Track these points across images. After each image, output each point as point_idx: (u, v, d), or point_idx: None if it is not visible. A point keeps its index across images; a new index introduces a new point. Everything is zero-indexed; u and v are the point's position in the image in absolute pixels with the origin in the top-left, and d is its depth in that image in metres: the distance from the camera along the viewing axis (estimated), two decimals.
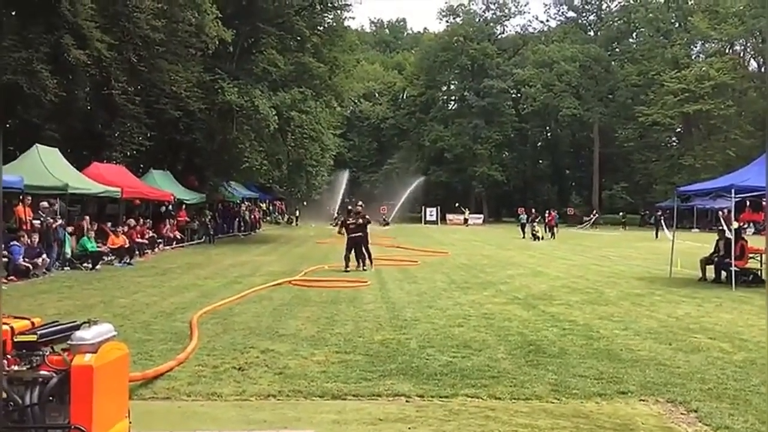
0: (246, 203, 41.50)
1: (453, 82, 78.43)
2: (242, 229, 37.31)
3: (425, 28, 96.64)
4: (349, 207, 18.97)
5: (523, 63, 71.86)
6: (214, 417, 5.37)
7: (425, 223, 58.73)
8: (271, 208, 53.78)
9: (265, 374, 6.68)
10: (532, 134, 75.97)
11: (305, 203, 45.74)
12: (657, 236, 38.27)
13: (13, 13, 24.40)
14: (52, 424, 3.57)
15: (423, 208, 61.25)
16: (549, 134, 78.49)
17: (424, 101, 74.80)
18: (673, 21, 66.57)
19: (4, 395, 3.56)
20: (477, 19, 75.68)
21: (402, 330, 9.17)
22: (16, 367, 3.59)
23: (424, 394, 6.08)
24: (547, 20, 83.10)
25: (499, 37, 77.19)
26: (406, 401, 5.92)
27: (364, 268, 17.47)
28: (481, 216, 64.04)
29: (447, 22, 77.26)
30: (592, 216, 56.51)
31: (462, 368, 7.02)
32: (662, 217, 40.46)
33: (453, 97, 79.17)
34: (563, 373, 6.82)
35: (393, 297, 12.66)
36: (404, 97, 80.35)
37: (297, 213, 52.36)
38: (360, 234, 17.86)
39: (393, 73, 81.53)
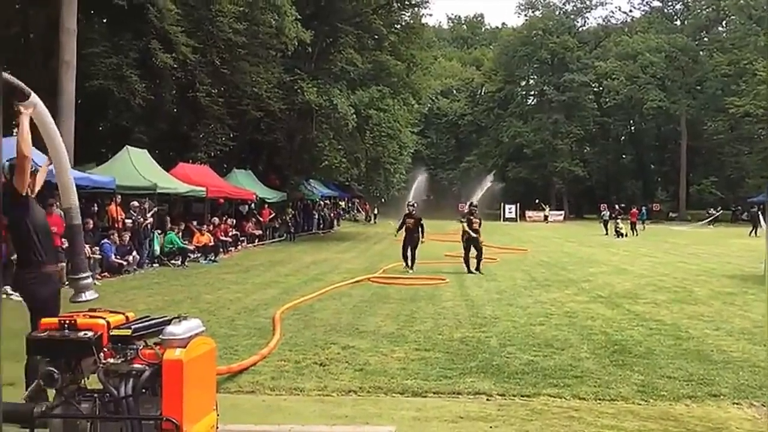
0: (325, 201, 42.07)
1: (532, 76, 77.07)
2: (321, 226, 37.86)
3: (503, 23, 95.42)
4: (408, 207, 18.16)
5: (605, 55, 69.77)
6: (297, 411, 5.47)
7: (504, 221, 57.98)
8: (349, 205, 54.34)
9: (346, 370, 6.75)
10: (615, 128, 73.71)
11: (383, 200, 45.92)
12: (755, 233, 34.73)
13: (104, 21, 25.61)
14: (146, 416, 3.71)
15: (501, 204, 60.47)
16: (633, 128, 76.02)
17: (502, 97, 73.86)
18: (765, 7, 63.18)
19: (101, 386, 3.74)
20: (557, 12, 74.09)
21: (482, 328, 9.10)
22: (111, 360, 3.75)
23: (505, 393, 6.01)
24: (631, 11, 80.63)
25: (580, 29, 75.31)
26: (487, 400, 5.87)
27: (409, 270, 16.75)
28: (562, 213, 62.71)
29: (526, 16, 75.98)
30: (713, 212, 53.21)
31: (544, 367, 6.90)
32: (759, 212, 37.80)
33: (532, 92, 77.82)
34: (650, 374, 6.60)
35: (472, 294, 12.58)
36: (482, 93, 79.50)
37: (375, 210, 52.69)
38: (414, 235, 17.29)
39: (471, 69, 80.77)
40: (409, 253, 17.11)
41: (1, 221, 5.14)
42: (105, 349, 3.75)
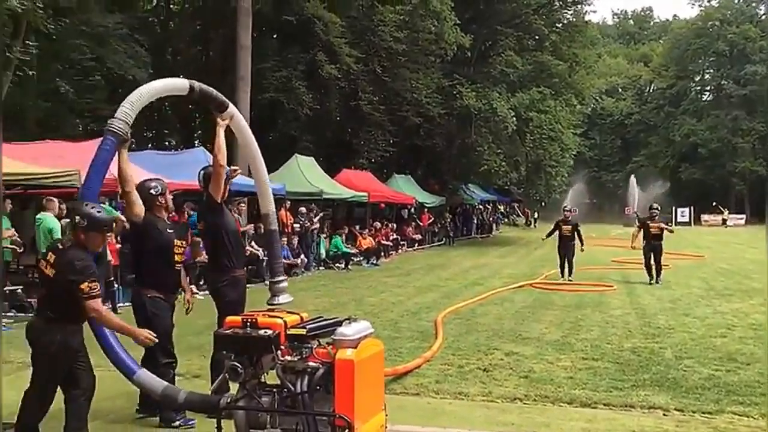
0: (484, 205, 41.79)
1: (708, 70, 71.88)
2: (480, 231, 37.65)
3: (675, 15, 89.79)
4: (564, 212, 16.25)
5: None
6: (462, 416, 5.45)
7: (676, 225, 54.48)
8: (508, 209, 53.58)
9: (510, 377, 6.65)
10: None
11: (544, 204, 44.81)
12: None
13: (275, 36, 27.17)
14: (319, 412, 3.87)
15: (673, 208, 56.90)
16: None
17: (673, 93, 69.51)
18: None
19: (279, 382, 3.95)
20: (736, 1, 68.58)
21: (654, 338, 8.60)
22: (288, 358, 3.96)
23: (684, 409, 5.63)
24: None
25: (763, 18, 69.17)
26: (664, 415, 5.53)
27: (567, 278, 15.25)
28: (743, 216, 57.83)
29: (700, 6, 71.02)
30: None
31: (727, 383, 6.39)
32: None
33: (708, 87, 72.56)
34: None
35: (643, 302, 11.93)
36: (651, 90, 75.37)
37: (536, 214, 51.57)
38: (571, 243, 15.58)
39: (638, 66, 76.82)
40: (566, 264, 15.47)
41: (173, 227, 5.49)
42: (282, 347, 3.96)
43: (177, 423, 5.05)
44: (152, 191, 5.24)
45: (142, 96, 4.98)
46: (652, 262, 14.91)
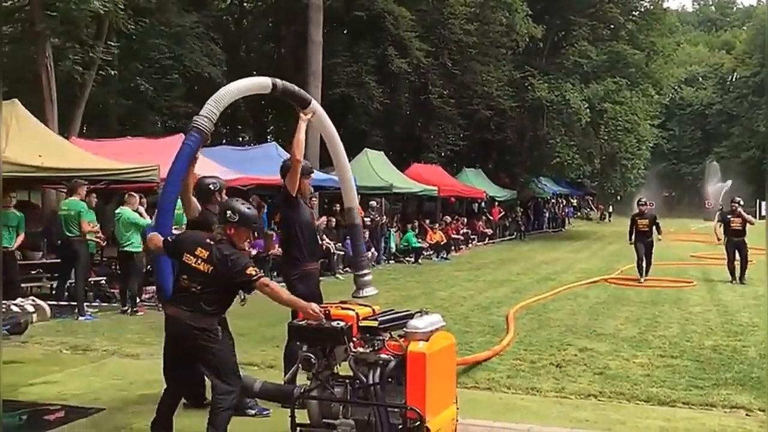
0: (557, 199, 41.04)
1: None
2: (552, 225, 37.00)
3: (759, 1, 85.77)
4: (639, 206, 14.77)
5: None
6: (535, 411, 5.39)
7: (761, 218, 52.17)
8: (581, 203, 52.43)
9: (585, 373, 6.52)
10: None
11: (619, 198, 43.59)
12: None
13: (345, 32, 27.38)
14: (391, 403, 3.90)
15: (757, 201, 54.44)
16: None
17: (757, 82, 66.26)
18: None
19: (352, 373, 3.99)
20: None
21: (737, 336, 8.27)
22: (361, 349, 3.99)
23: None
24: None
25: None
26: (746, 415, 5.33)
27: (643, 278, 13.92)
28: None
29: None
30: None
31: None
32: None
33: None
34: None
35: (724, 299, 11.49)
36: (733, 79, 72.14)
37: (610, 208, 50.26)
38: (648, 239, 14.24)
39: (720, 54, 73.70)
40: (643, 262, 14.05)
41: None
42: (355, 339, 4.00)
43: (253, 412, 5.14)
44: (211, 186, 5.37)
45: (226, 95, 5.13)
46: (737, 260, 13.87)
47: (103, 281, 11.62)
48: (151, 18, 19.75)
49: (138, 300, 10.24)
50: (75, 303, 9.69)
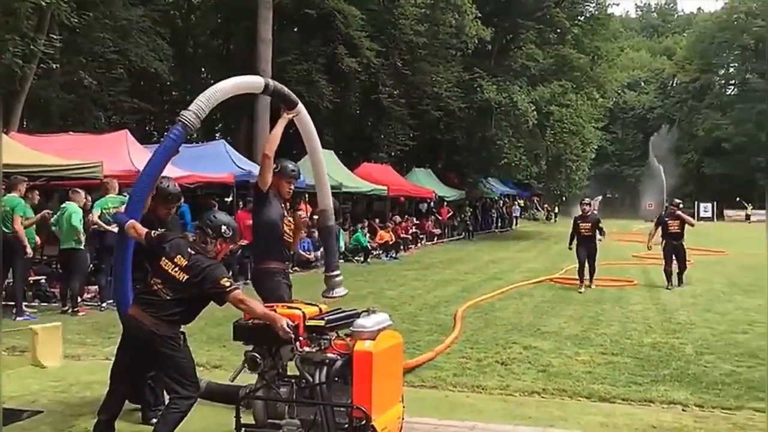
0: (504, 199, 41.63)
1: (732, 64, 70.78)
2: (500, 225, 37.52)
3: (699, 8, 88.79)
4: (583, 206, 13.53)
5: None
6: (480, 409, 5.46)
7: (698, 220, 53.88)
8: (528, 203, 53.31)
9: (529, 371, 6.64)
10: None
11: (564, 198, 44.52)
12: None
13: (295, 30, 27.23)
14: (337, 403, 3.90)
15: (696, 203, 56.26)
16: None
17: (697, 87, 68.54)
18: None
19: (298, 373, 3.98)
20: None
21: (675, 334, 8.54)
22: (307, 349, 3.99)
23: (704, 405, 5.59)
24: None
25: None
26: (683, 410, 5.50)
27: (589, 285, 12.92)
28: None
29: None
30: None
31: (748, 379, 6.34)
32: None
33: (732, 81, 71.50)
34: None
35: (663, 298, 11.83)
36: (674, 84, 74.38)
37: (556, 209, 51.27)
38: (591, 243, 13.11)
39: (661, 59, 75.88)
40: (586, 267, 12.93)
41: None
42: (301, 338, 3.99)
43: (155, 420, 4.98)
44: (170, 189, 5.22)
45: (217, 92, 4.96)
46: (674, 264, 13.30)
47: (43, 280, 11.28)
48: (95, 11, 19.25)
49: (79, 300, 9.98)
50: (13, 303, 9.38)
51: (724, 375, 6.49)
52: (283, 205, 5.52)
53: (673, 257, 13.35)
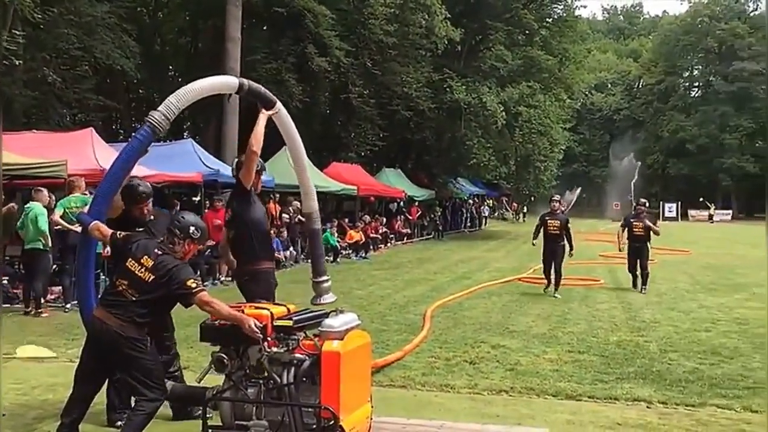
0: (473, 199, 41.87)
1: (696, 67, 72.20)
2: (469, 225, 37.72)
3: (664, 11, 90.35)
4: (552, 203, 12.60)
5: None
6: (448, 408, 5.49)
7: (663, 220, 54.85)
8: (497, 204, 53.70)
9: (497, 369, 6.70)
10: None
11: (533, 199, 44.94)
12: None
13: (264, 28, 27.05)
14: (305, 403, 3.89)
15: (660, 203, 57.22)
16: None
17: (662, 89, 69.75)
18: None
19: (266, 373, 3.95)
20: None
21: (640, 332, 8.69)
22: (275, 349, 3.96)
23: (667, 401, 5.70)
24: None
25: (752, 14, 69.47)
26: (647, 407, 5.60)
27: (552, 292, 12.02)
28: (729, 212, 58.26)
29: (690, 2, 71.31)
30: None
31: (711, 376, 6.48)
32: None
33: (696, 84, 72.93)
34: None
35: (629, 297, 12.02)
36: (640, 86, 75.59)
37: (524, 209, 51.72)
38: (560, 242, 12.17)
39: (627, 62, 77.04)
40: (552, 271, 12.10)
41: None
42: (269, 339, 3.96)
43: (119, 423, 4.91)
44: (141, 189, 5.04)
45: (188, 93, 4.80)
46: (638, 267, 12.87)
47: (5, 281, 11.05)
48: (59, 6, 18.87)
49: (42, 301, 9.80)
50: None
51: (688, 372, 6.62)
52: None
53: (637, 261, 12.89)
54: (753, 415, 5.35)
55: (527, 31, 32.65)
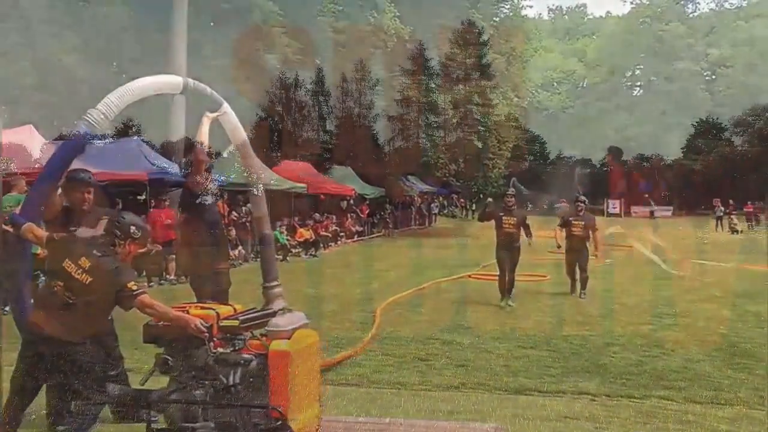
0: (423, 197, 42.06)
1: (638, 67, 74.15)
2: (419, 222, 37.88)
3: (608, 12, 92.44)
4: (507, 198, 10.89)
5: (719, 42, 66.12)
6: (399, 405, 5.48)
7: (608, 216, 56.12)
8: (446, 202, 54.08)
9: (448, 366, 6.71)
10: (731, 119, 69.66)
11: (482, 196, 45.48)
12: None
13: (212, 24, 26.68)
14: (253, 404, 3.82)
15: (605, 200, 58.51)
16: (750, 118, 71.49)
17: (606, 88, 71.45)
18: None
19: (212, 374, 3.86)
20: None
21: (585, 326, 8.83)
22: (221, 350, 3.88)
23: (612, 394, 5.82)
24: None
25: (691, 15, 71.70)
26: (592, 400, 5.70)
27: (508, 302, 10.42)
28: (670, 208, 59.96)
29: (632, 3, 73.28)
30: None
31: (654, 368, 6.64)
32: None
33: (638, 83, 74.91)
34: None
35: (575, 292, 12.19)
36: (585, 85, 77.26)
37: (474, 207, 52.23)
38: (515, 244, 10.56)
39: (573, 61, 78.69)
40: (506, 278, 10.56)
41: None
42: (215, 339, 3.88)
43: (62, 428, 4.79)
44: (84, 177, 4.92)
45: (129, 92, 4.61)
46: (577, 271, 11.60)
47: None
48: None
49: None
50: None
51: (631, 365, 6.76)
52: None
53: (576, 264, 11.64)
54: (695, 406, 5.49)
55: (476, 30, 33.00)
